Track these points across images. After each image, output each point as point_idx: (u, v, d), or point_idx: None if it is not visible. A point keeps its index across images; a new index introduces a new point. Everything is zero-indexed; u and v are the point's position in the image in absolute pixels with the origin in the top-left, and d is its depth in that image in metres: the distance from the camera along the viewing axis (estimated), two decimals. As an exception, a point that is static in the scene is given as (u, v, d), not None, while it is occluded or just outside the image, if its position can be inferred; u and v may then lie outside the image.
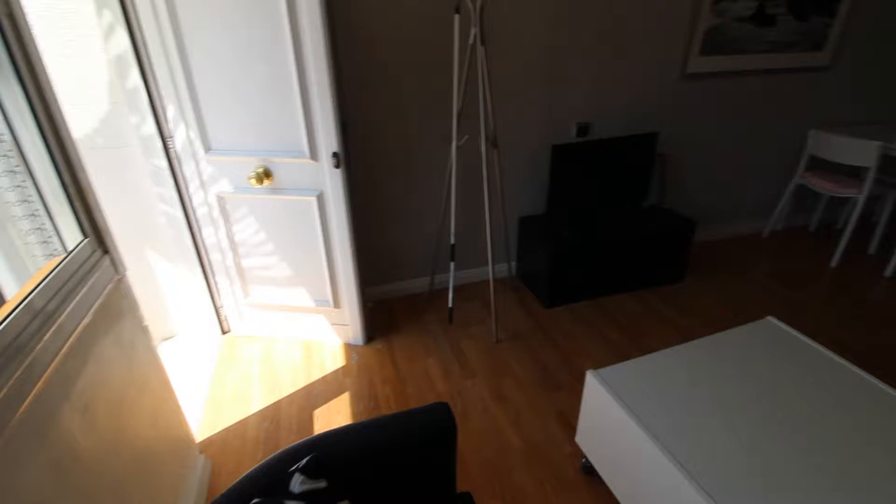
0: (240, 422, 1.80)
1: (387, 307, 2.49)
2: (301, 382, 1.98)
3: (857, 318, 2.34)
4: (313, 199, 1.86)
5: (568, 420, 1.77)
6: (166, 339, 2.24)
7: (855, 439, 1.17)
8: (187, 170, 1.88)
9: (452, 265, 2.25)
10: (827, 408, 1.26)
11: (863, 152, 2.58)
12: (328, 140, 1.74)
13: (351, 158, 2.17)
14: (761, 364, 1.42)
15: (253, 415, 1.82)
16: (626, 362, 1.44)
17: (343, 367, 2.06)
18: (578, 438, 1.53)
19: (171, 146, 1.84)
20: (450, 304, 2.27)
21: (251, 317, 2.22)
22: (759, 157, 2.99)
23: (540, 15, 2.13)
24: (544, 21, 2.15)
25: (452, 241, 2.22)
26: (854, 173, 2.87)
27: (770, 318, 1.63)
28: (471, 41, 1.91)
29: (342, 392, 1.92)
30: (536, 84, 2.29)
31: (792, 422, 1.22)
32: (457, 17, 1.85)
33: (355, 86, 2.04)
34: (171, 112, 1.77)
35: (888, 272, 2.73)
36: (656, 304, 2.47)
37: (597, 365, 1.72)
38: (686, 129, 2.70)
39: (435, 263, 2.57)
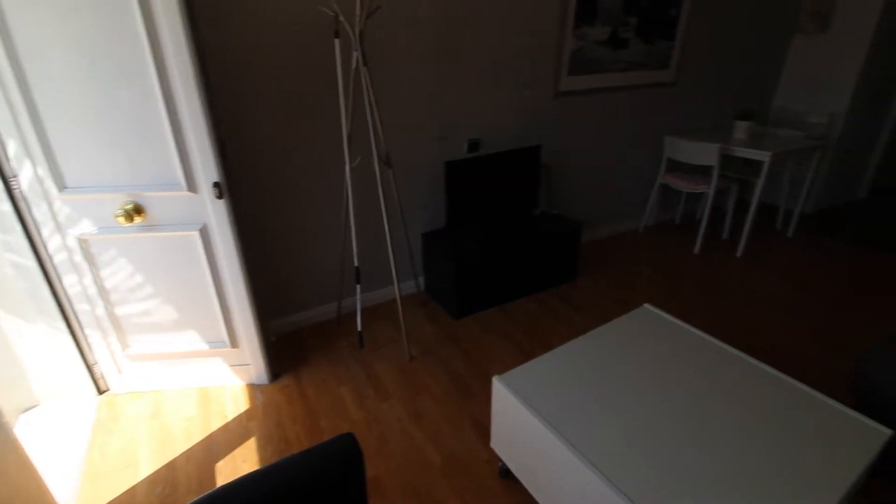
0: (126, 492, 1.58)
1: (293, 339, 2.37)
2: (198, 435, 1.81)
3: (718, 294, 2.71)
4: (195, 234, 1.72)
5: (484, 427, 1.81)
6: (27, 409, 1.91)
7: (728, 407, 1.34)
8: (38, 212, 1.65)
9: (359, 288, 2.22)
10: (701, 381, 1.44)
11: (707, 153, 3.02)
12: (207, 169, 1.63)
13: (237, 187, 2.05)
14: (642, 349, 1.58)
15: (142, 481, 1.62)
16: (526, 364, 1.52)
17: (247, 410, 1.92)
18: (493, 444, 1.58)
19: (14, 186, 1.60)
20: (359, 328, 2.23)
21: (133, 371, 1.98)
22: (629, 162, 3.36)
23: (423, 40, 2.21)
24: (428, 45, 2.24)
25: (356, 264, 2.19)
26: (704, 172, 3.34)
27: (647, 306, 1.82)
28: (353, 65, 1.92)
29: (247, 438, 1.78)
30: (426, 104, 2.36)
31: (673, 399, 1.37)
32: (337, 41, 1.86)
33: (238, 112, 1.95)
34: (11, 148, 1.54)
35: (739, 252, 3.20)
36: (554, 304, 2.64)
37: (507, 368, 1.79)
38: (565, 140, 2.95)
39: (341, 288, 2.51)
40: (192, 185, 1.66)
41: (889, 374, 1.48)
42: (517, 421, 1.40)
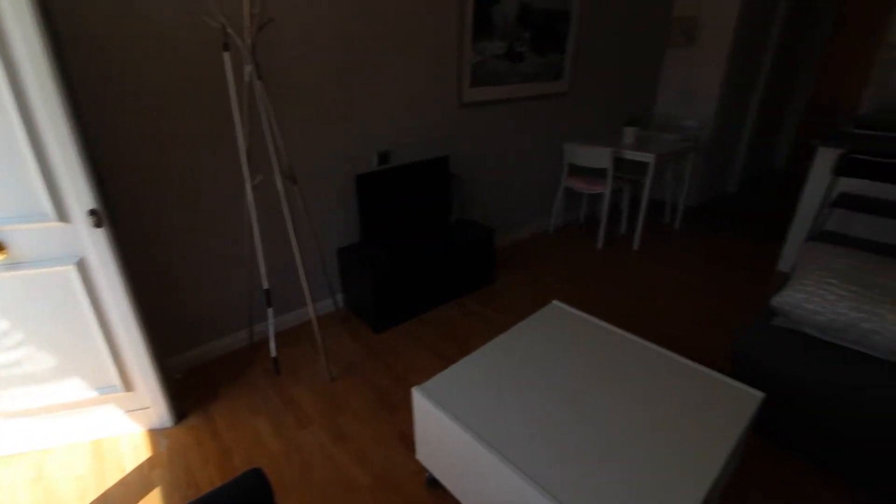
0: (-3, 576, 1.36)
1: (201, 373, 2.19)
2: (92, 494, 1.60)
3: (619, 284, 2.94)
4: (71, 269, 1.54)
5: (410, 439, 1.80)
6: None
7: (628, 389, 1.45)
8: None
9: (270, 311, 2.11)
10: (603, 367, 1.54)
11: (601, 157, 3.28)
12: (80, 196, 1.47)
13: (123, 214, 1.87)
14: (551, 344, 1.67)
15: (18, 559, 1.40)
16: (444, 372, 1.54)
17: (149, 458, 1.74)
18: (419, 455, 1.57)
19: None
20: (273, 354, 2.12)
21: (7, 430, 1.71)
22: (534, 168, 3.55)
23: (325, 52, 2.18)
24: (331, 57, 2.20)
25: (266, 286, 2.08)
26: (601, 174, 3.63)
27: (555, 302, 1.93)
28: (247, 79, 1.84)
29: (150, 490, 1.61)
30: (331, 117, 2.32)
31: (579, 387, 1.46)
32: (226, 54, 1.77)
33: (120, 133, 1.77)
34: None
35: (635, 246, 3.51)
36: (475, 307, 2.71)
37: (430, 377, 1.79)
38: (473, 149, 3.05)
39: (251, 313, 2.37)
40: (62, 215, 1.48)
41: (759, 346, 1.70)
42: (438, 429, 1.40)
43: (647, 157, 3.21)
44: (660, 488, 1.13)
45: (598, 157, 3.30)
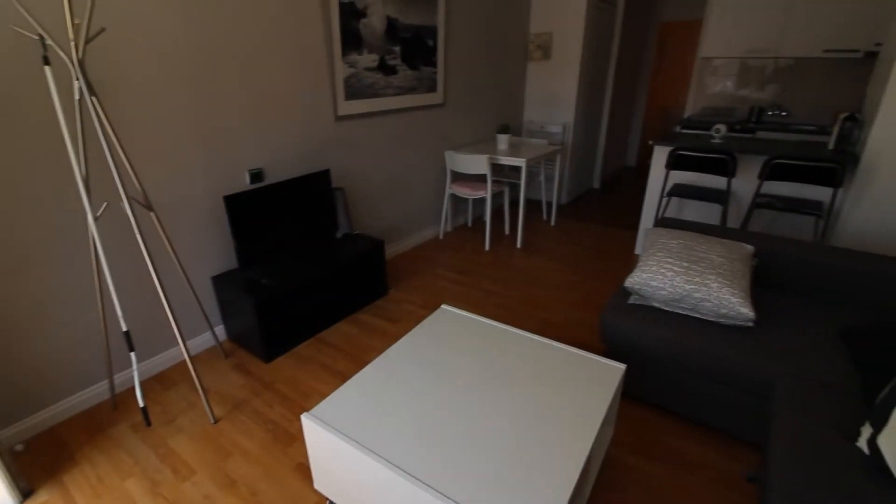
0: None
1: (51, 439, 1.86)
2: None
3: (507, 281, 3.13)
4: None
5: (308, 470, 1.71)
6: None
7: (513, 380, 1.54)
8: None
9: (133, 356, 1.86)
10: (490, 364, 1.62)
11: (479, 164, 3.46)
12: None
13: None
14: (440, 348, 1.71)
15: None
16: (334, 393, 1.49)
17: (-22, 556, 1.42)
18: (317, 484, 1.50)
19: None
20: (141, 403, 1.87)
21: None
22: (420, 177, 3.62)
23: (178, 64, 1.99)
24: (185, 70, 2.02)
25: (125, 328, 1.84)
26: (481, 179, 3.82)
27: (444, 306, 1.99)
28: (77, 96, 1.61)
29: None
30: (190, 136, 2.13)
31: (469, 387, 1.51)
32: (48, 69, 1.54)
33: None
34: None
35: (518, 244, 3.75)
36: (370, 321, 2.68)
37: (320, 402, 1.72)
38: (355, 162, 3.02)
39: (110, 360, 2.07)
40: None
41: (620, 323, 1.92)
42: (332, 453, 1.36)
43: (520, 162, 3.46)
44: (545, 463, 1.22)
45: (476, 163, 3.48)
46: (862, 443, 1.26)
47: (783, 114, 4.40)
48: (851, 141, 2.92)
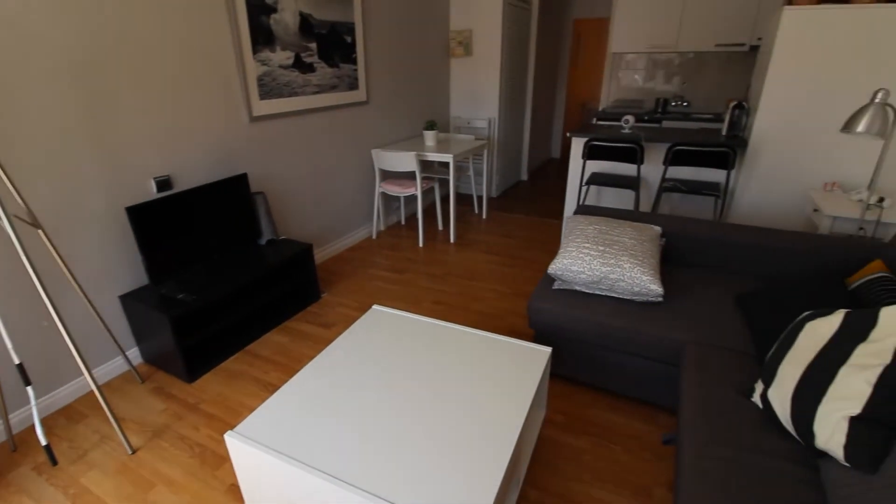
0: None
1: (-72, 498, 1.63)
2: None
3: (442, 277, 3.15)
4: None
5: (240, 491, 1.63)
6: None
7: (448, 375, 1.55)
8: None
9: (31, 390, 1.67)
10: (424, 361, 1.63)
11: (406, 161, 3.46)
12: None
13: None
14: (373, 349, 1.69)
15: None
16: (260, 407, 1.43)
17: None
18: None
19: None
20: (43, 441, 1.68)
21: None
22: (348, 176, 3.55)
23: (61, 60, 1.79)
24: (64, 71, 1.83)
25: (17, 360, 1.64)
26: (411, 176, 3.82)
27: (375, 307, 1.97)
28: (-70, 103, 1.41)
29: None
30: (83, 145, 1.93)
31: (404, 386, 1.51)
32: None
33: None
34: None
35: (452, 239, 3.79)
36: (303, 328, 2.59)
37: (249, 418, 1.65)
38: (275, 164, 2.90)
39: (3, 398, 1.85)
40: None
41: (546, 308, 2.00)
42: (263, 470, 1.30)
43: (447, 158, 3.49)
44: (479, 451, 1.25)
45: (404, 160, 3.46)
46: (756, 398, 1.41)
47: (685, 104, 4.79)
48: (741, 127, 3.24)
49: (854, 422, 1.11)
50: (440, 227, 4.08)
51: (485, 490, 1.15)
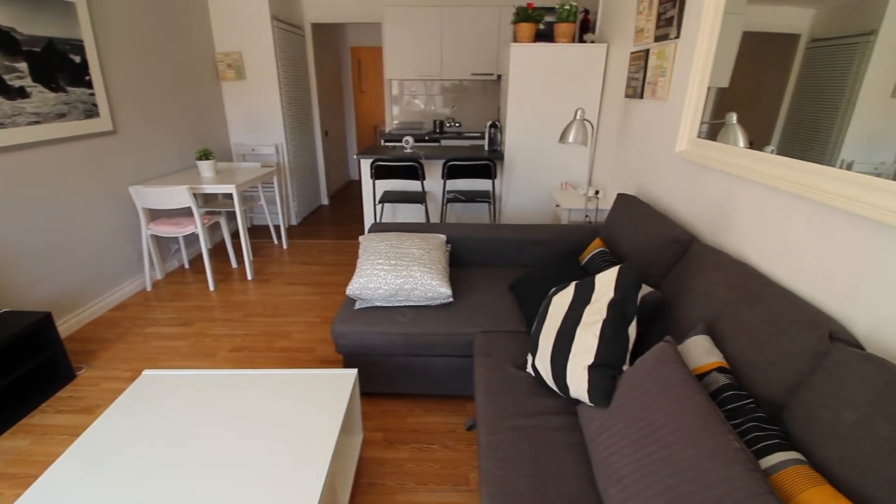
0: None
1: None
2: None
3: (242, 320, 2.85)
4: None
5: None
6: None
7: (242, 423, 1.39)
8: None
9: None
10: (215, 417, 1.43)
11: (178, 196, 3.04)
12: None
13: None
14: (147, 419, 1.42)
15: None
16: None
17: None
18: None
19: None
20: None
21: None
22: (100, 221, 2.92)
23: None
24: None
25: None
26: (188, 213, 3.37)
27: (146, 372, 1.66)
28: None
29: None
30: None
31: (192, 449, 1.30)
32: None
33: None
34: None
35: (249, 276, 3.48)
36: (52, 420, 2.02)
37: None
38: (-23, 217, 2.21)
39: None
40: None
41: (349, 330, 1.99)
42: None
43: (229, 189, 3.20)
44: (289, 487, 1.15)
45: (175, 196, 3.04)
46: (529, 368, 1.66)
47: (457, 125, 5.43)
48: (498, 142, 3.83)
49: (591, 369, 1.40)
50: (234, 264, 3.70)
51: (293, 539, 1.06)
